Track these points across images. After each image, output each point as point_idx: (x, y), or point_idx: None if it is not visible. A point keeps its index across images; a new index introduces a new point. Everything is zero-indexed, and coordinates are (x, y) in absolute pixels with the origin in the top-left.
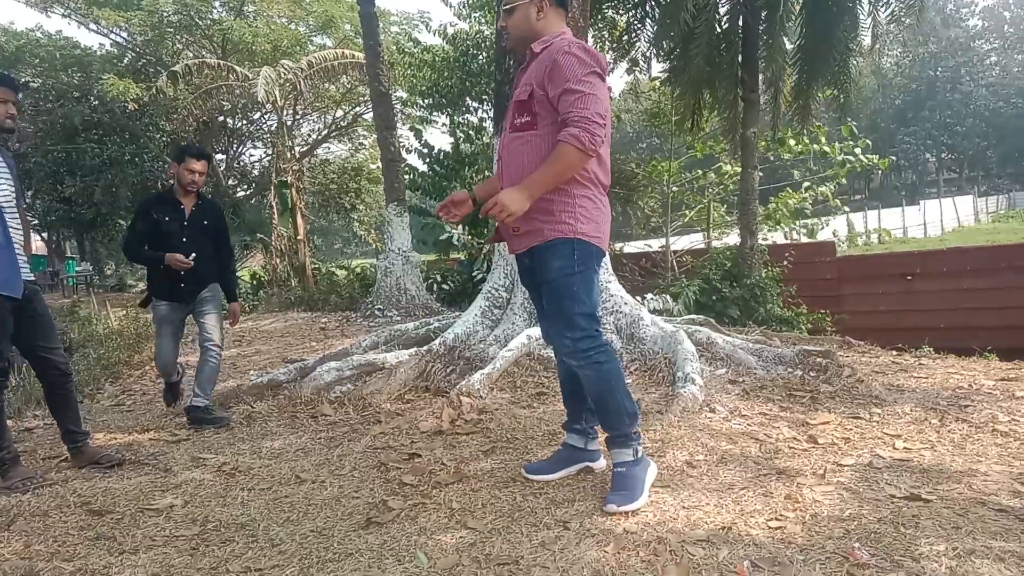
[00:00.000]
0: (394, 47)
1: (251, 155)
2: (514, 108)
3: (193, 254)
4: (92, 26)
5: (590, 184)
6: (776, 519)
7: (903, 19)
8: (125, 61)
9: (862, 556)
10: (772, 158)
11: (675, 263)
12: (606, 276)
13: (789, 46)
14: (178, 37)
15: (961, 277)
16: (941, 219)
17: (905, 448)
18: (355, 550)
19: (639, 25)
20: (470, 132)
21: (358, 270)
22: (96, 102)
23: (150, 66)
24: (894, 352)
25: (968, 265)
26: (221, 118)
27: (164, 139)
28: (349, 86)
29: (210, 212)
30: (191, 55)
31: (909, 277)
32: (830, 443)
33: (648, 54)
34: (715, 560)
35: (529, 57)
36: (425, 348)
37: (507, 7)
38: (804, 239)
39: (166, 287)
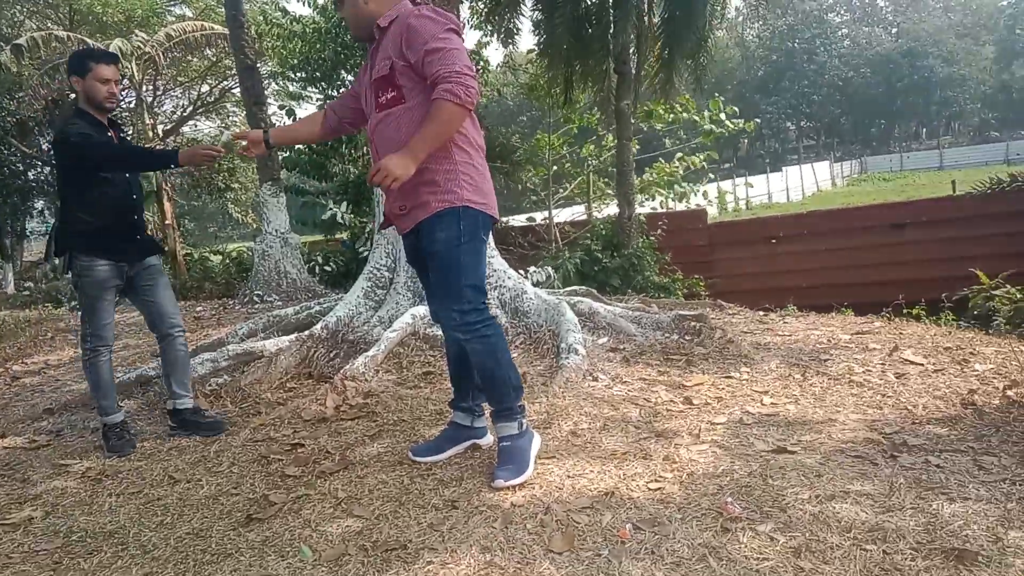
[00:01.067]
0: (260, 17)
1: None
2: (376, 86)
3: (135, 196)
4: None
5: (469, 148)
6: (655, 480)
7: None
8: None
9: (735, 510)
10: (645, 128)
11: (558, 235)
12: (489, 251)
13: (656, 19)
14: (17, 6)
15: (820, 239)
16: (802, 184)
17: (772, 403)
18: (235, 549)
19: None
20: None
21: (234, 254)
22: None
23: None
24: (761, 312)
25: (826, 227)
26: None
27: (9, 120)
28: (215, 59)
29: (121, 135)
30: (34, 26)
31: (774, 240)
32: (704, 403)
33: (518, 25)
34: (599, 526)
35: (379, 35)
36: (307, 333)
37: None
38: (679, 207)
39: (114, 239)
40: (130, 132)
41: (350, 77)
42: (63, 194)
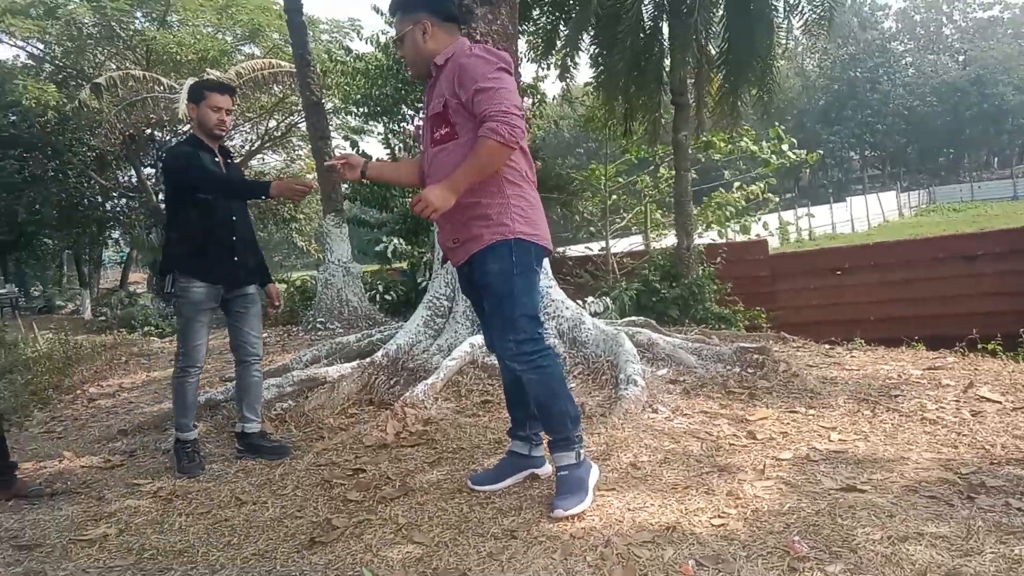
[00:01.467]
0: (325, 55)
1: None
2: (431, 122)
3: (235, 217)
4: (5, 37)
5: (521, 182)
6: (719, 516)
7: (815, 29)
8: (44, 74)
9: (802, 549)
10: (703, 159)
11: (615, 265)
12: (546, 281)
13: (714, 51)
14: (99, 48)
15: (887, 270)
16: (867, 215)
17: (840, 440)
18: (298, 571)
19: (564, 29)
20: (407, 140)
21: (298, 283)
22: (15, 117)
23: (71, 79)
24: (827, 345)
25: (893, 259)
26: (148, 131)
27: (89, 154)
28: (281, 95)
29: (236, 166)
30: (114, 66)
31: (839, 272)
32: (768, 438)
33: (576, 59)
34: (661, 561)
35: (435, 73)
36: (368, 360)
37: (395, 39)
38: (739, 237)
39: (211, 261)
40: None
41: (410, 112)
42: (168, 215)
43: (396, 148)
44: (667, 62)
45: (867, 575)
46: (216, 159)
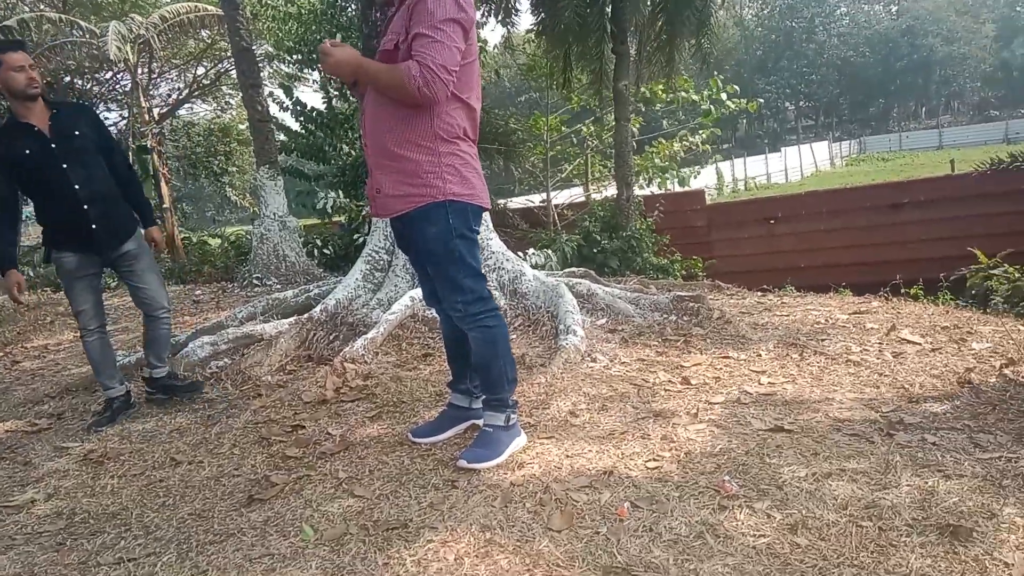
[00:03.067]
0: None
1: (105, 118)
2: (380, 58)
3: (77, 186)
4: None
5: (457, 139)
6: (653, 460)
7: None
8: None
9: (732, 488)
10: (644, 109)
11: (557, 217)
12: (487, 233)
13: None
14: None
15: (818, 219)
16: (800, 165)
17: (769, 383)
18: (237, 529)
19: None
20: (344, 88)
21: (233, 238)
22: None
23: None
24: (759, 293)
25: (824, 208)
26: (67, 78)
27: (2, 103)
28: (209, 41)
29: (79, 117)
30: (27, 8)
31: (772, 221)
32: (702, 383)
33: (518, 5)
34: (598, 504)
35: (396, 5)
36: (306, 316)
37: None
38: (678, 188)
39: (67, 234)
40: (126, 115)
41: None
42: None
43: (333, 97)
44: (609, 9)
45: (792, 510)
46: (36, 128)
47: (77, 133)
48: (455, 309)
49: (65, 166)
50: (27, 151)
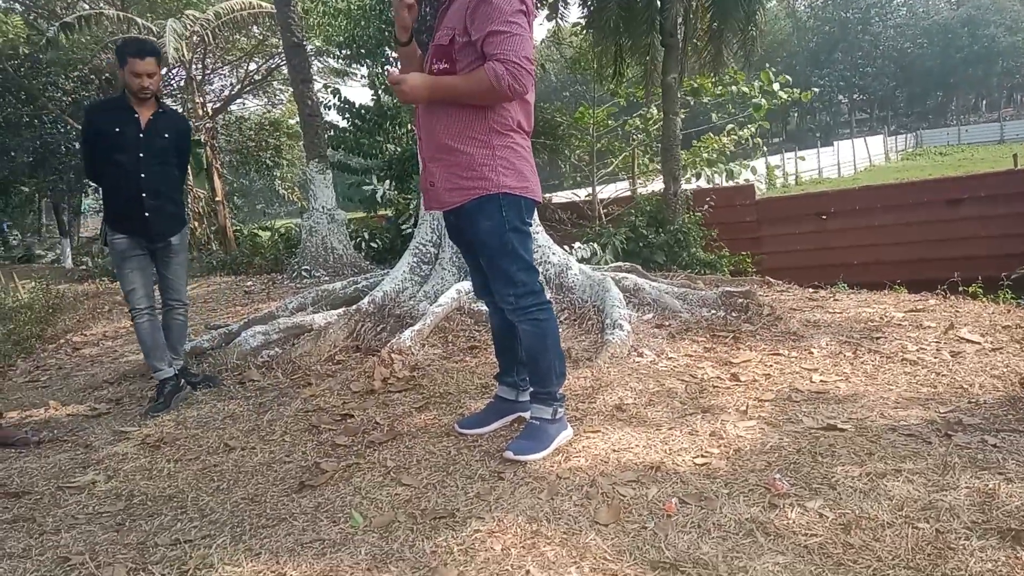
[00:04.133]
0: None
1: None
2: (433, 53)
3: (143, 175)
4: None
5: (511, 132)
6: (702, 456)
7: None
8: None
9: (783, 486)
10: (692, 103)
11: (602, 211)
12: (534, 228)
13: None
14: None
15: (872, 215)
16: (854, 159)
17: (821, 381)
18: (288, 514)
19: None
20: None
21: (282, 230)
22: None
23: (42, 19)
24: (811, 289)
25: (878, 203)
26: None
27: (65, 99)
28: (261, 37)
29: (173, 124)
30: (87, 6)
31: (824, 216)
32: (751, 380)
33: None
34: (645, 499)
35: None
36: (354, 307)
37: None
38: (726, 183)
39: (124, 217)
40: (180, 110)
41: (394, 55)
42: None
43: (380, 91)
44: (657, 2)
45: (846, 510)
46: (136, 116)
47: (166, 136)
48: (507, 302)
49: (141, 155)
50: (117, 129)
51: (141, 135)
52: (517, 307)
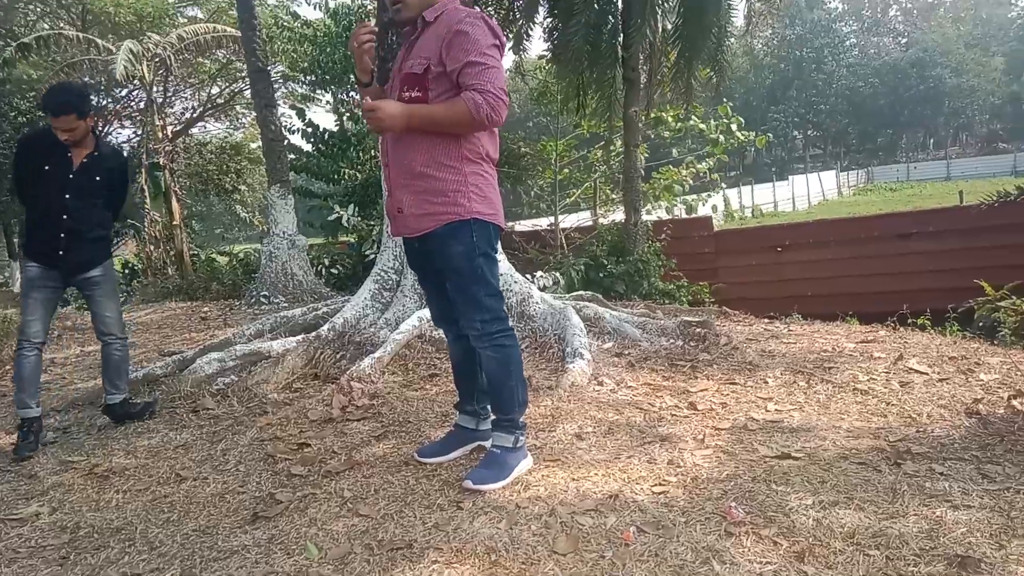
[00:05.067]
0: (272, 21)
1: (118, 135)
2: (403, 81)
3: (65, 216)
4: None
5: (480, 160)
6: (660, 484)
7: (768, 1)
8: None
9: (738, 514)
10: (653, 136)
11: (564, 240)
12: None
13: (668, 26)
14: (31, 7)
15: (825, 248)
16: (808, 193)
17: (776, 410)
18: (241, 547)
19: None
20: (355, 110)
21: (241, 256)
22: None
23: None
24: (766, 320)
25: (831, 236)
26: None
27: (20, 120)
28: (225, 61)
29: (107, 163)
30: (47, 26)
31: (779, 249)
32: (709, 409)
33: (530, 32)
34: (603, 528)
35: (421, 26)
36: (313, 334)
37: None
38: (685, 215)
39: (40, 249)
40: (139, 133)
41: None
42: None
43: (344, 117)
44: (620, 38)
45: (799, 538)
46: (69, 155)
47: (98, 179)
48: (473, 328)
49: (68, 196)
50: (48, 167)
51: (71, 176)
52: (483, 333)
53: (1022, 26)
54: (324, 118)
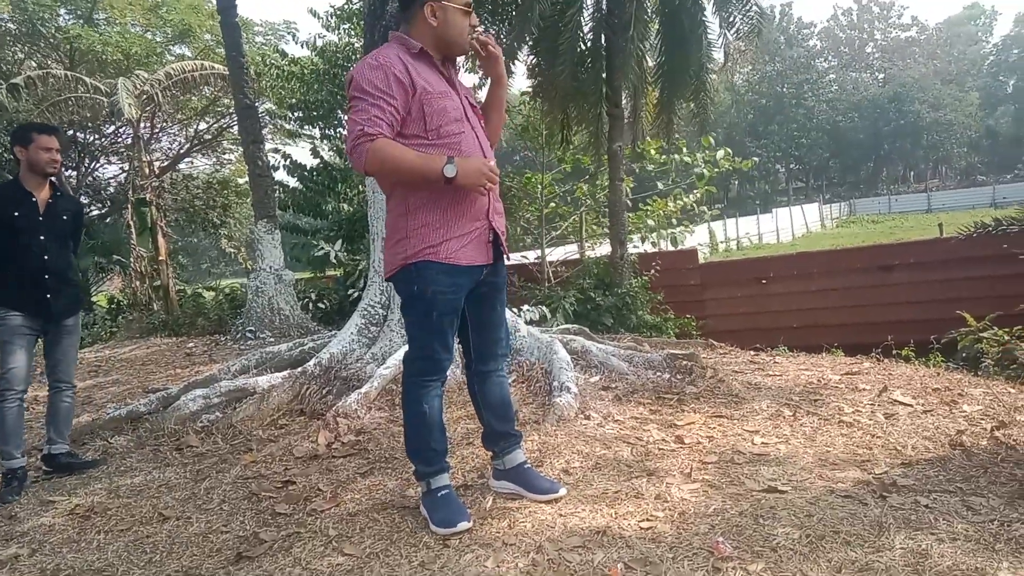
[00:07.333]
0: (259, 58)
1: (105, 171)
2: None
3: (46, 256)
4: None
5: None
6: (647, 519)
7: (747, 39)
8: None
9: (726, 549)
10: (637, 170)
11: (551, 274)
12: None
13: (651, 63)
14: (18, 46)
15: (810, 280)
16: (792, 225)
17: (763, 443)
18: None
19: (504, 38)
20: (341, 146)
21: (227, 291)
22: None
23: None
24: (752, 352)
25: (815, 268)
26: (71, 132)
27: (7, 156)
28: (212, 97)
29: (70, 205)
30: (35, 65)
31: (764, 281)
32: (695, 442)
33: (513, 68)
34: (591, 564)
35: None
36: (299, 370)
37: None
38: (671, 248)
39: (26, 296)
40: (126, 169)
41: (345, 117)
42: None
43: (325, 153)
44: (604, 75)
45: (786, 573)
46: (34, 199)
47: (64, 218)
48: (505, 350)
49: (43, 238)
50: (16, 213)
51: (41, 218)
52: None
53: (995, 63)
54: (307, 155)
